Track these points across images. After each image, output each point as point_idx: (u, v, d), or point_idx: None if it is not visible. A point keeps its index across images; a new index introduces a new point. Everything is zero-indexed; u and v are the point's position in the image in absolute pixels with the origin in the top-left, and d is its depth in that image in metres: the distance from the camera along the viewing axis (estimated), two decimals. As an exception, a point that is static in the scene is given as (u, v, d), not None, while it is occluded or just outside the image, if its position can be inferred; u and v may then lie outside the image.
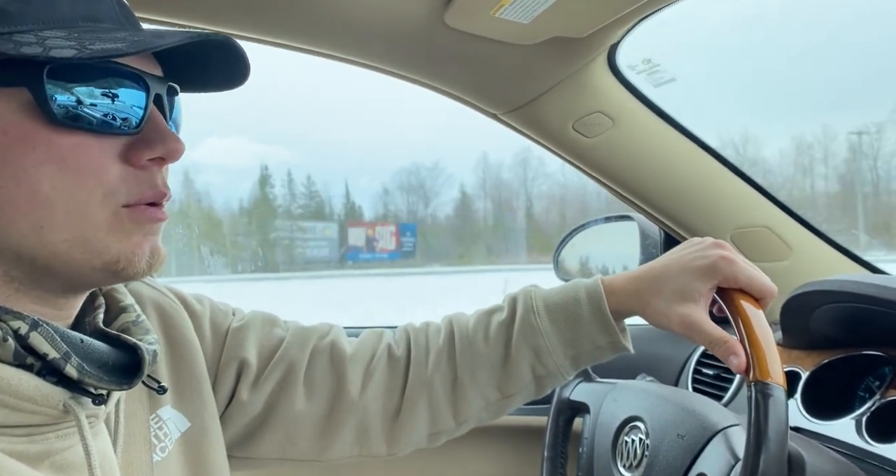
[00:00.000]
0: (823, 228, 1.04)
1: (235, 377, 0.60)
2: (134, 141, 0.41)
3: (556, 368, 0.61)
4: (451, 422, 0.63)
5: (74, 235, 0.39)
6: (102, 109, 0.39)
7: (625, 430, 0.80)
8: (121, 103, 0.40)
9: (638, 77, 0.94)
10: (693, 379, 1.07)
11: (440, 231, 12.11)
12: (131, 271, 0.42)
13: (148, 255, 0.42)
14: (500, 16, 0.72)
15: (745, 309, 0.55)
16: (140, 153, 0.41)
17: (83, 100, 0.38)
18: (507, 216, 11.73)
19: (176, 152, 0.42)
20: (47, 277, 0.41)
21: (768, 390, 0.50)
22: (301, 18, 0.78)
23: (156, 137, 0.41)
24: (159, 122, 0.42)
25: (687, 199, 1.05)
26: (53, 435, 0.40)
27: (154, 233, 0.43)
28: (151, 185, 0.42)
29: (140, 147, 0.41)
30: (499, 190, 10.91)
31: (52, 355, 0.38)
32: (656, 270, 0.59)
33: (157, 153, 0.41)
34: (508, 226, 11.80)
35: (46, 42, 0.36)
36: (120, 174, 0.40)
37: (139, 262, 0.42)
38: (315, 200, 11.37)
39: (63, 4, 0.39)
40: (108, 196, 0.40)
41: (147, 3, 0.73)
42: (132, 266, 0.41)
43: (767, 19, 7.27)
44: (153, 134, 0.41)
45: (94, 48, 0.36)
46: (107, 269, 0.41)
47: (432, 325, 0.66)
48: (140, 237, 0.42)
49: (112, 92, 0.39)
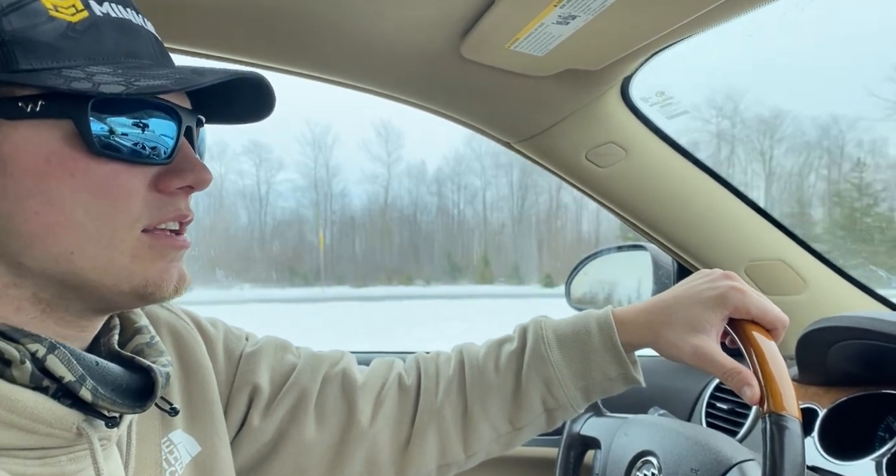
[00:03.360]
0: (839, 263, 1.03)
1: (247, 402, 0.60)
2: (165, 170, 0.43)
3: (567, 400, 0.60)
4: (460, 454, 0.62)
5: (103, 262, 0.41)
6: (137, 140, 0.41)
7: (637, 464, 0.79)
8: (154, 134, 0.42)
9: (651, 109, 0.95)
10: (707, 413, 1.05)
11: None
12: (159, 295, 0.43)
13: (176, 279, 0.44)
14: (515, 49, 0.74)
15: (758, 340, 0.54)
16: (170, 182, 0.43)
17: (120, 131, 0.40)
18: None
19: (204, 182, 0.44)
20: (76, 301, 0.42)
21: (783, 422, 0.49)
22: (320, 49, 0.80)
23: (186, 167, 0.43)
24: (189, 153, 0.44)
25: (700, 231, 1.04)
26: (66, 457, 0.40)
27: (178, 259, 0.45)
28: (175, 208, 0.44)
29: (170, 176, 0.43)
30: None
31: (68, 378, 0.38)
32: (667, 301, 0.59)
33: (186, 182, 0.43)
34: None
35: (94, 78, 0.38)
36: (145, 200, 0.42)
37: (167, 286, 0.43)
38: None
39: (108, 41, 0.41)
40: (134, 222, 0.42)
41: (172, 33, 0.75)
42: (160, 290, 0.43)
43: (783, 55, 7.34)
44: (184, 163, 0.43)
45: (139, 85, 0.39)
46: (135, 294, 0.43)
47: (442, 354, 0.66)
48: (165, 264, 0.43)
49: (147, 124, 0.42)
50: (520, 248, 8.09)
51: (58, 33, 0.39)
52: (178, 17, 0.73)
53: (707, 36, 0.75)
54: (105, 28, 0.41)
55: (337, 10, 0.72)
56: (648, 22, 0.68)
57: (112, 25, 0.41)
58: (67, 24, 0.39)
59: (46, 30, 0.38)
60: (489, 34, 0.72)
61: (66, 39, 0.39)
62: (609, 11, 0.64)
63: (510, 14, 0.67)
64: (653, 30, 0.70)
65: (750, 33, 0.82)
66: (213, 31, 0.76)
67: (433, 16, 0.72)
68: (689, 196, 1.01)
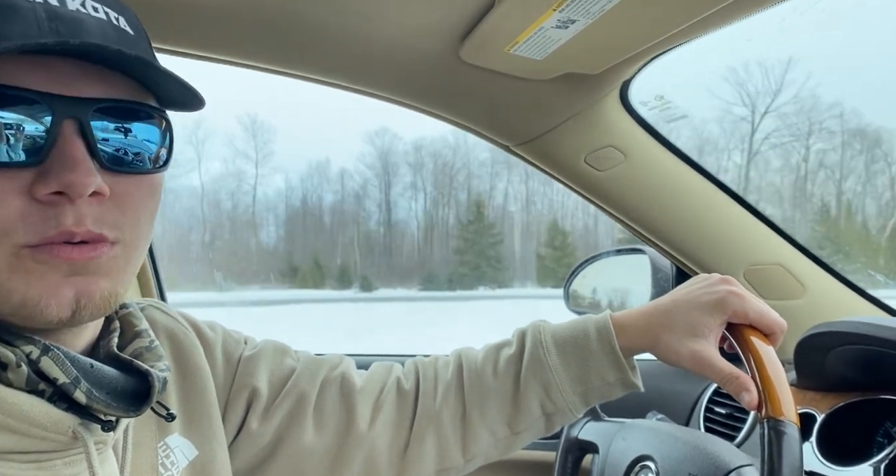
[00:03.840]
0: (838, 268, 1.03)
1: (246, 406, 0.60)
2: (38, 173, 0.36)
3: (566, 405, 0.60)
4: (459, 458, 0.62)
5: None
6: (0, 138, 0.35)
7: (635, 469, 0.78)
8: (19, 132, 0.36)
9: (650, 113, 0.95)
10: (705, 417, 1.05)
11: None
12: (43, 318, 0.37)
13: (70, 299, 0.38)
14: (515, 52, 0.74)
15: (756, 345, 0.54)
16: (37, 187, 0.36)
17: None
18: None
19: (73, 185, 0.36)
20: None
21: (781, 427, 0.49)
22: (321, 53, 0.80)
23: (55, 169, 0.36)
24: (65, 152, 0.37)
25: (699, 235, 1.04)
26: (61, 461, 0.40)
27: (83, 273, 0.38)
28: (57, 223, 0.37)
29: (40, 180, 0.36)
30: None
31: (62, 380, 0.38)
32: (665, 306, 0.59)
33: (52, 187, 0.36)
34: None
35: None
36: (19, 211, 0.36)
37: (53, 308, 0.37)
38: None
39: None
40: (3, 236, 0.36)
41: (172, 36, 0.75)
42: (42, 314, 0.37)
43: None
44: (54, 165, 0.36)
45: None
46: (17, 315, 0.38)
47: (441, 358, 0.66)
48: (57, 278, 0.37)
49: (6, 120, 0.35)
50: (381, 252, 7.64)
51: None
52: (178, 19, 0.73)
53: (706, 40, 0.75)
54: None
55: (337, 13, 0.72)
56: (647, 26, 0.68)
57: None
58: None
59: None
60: (489, 38, 0.72)
61: None
62: (608, 15, 0.64)
63: (510, 18, 0.67)
64: (652, 34, 0.70)
65: (749, 38, 0.82)
66: (213, 34, 0.76)
67: (433, 19, 0.72)
68: (688, 200, 1.02)
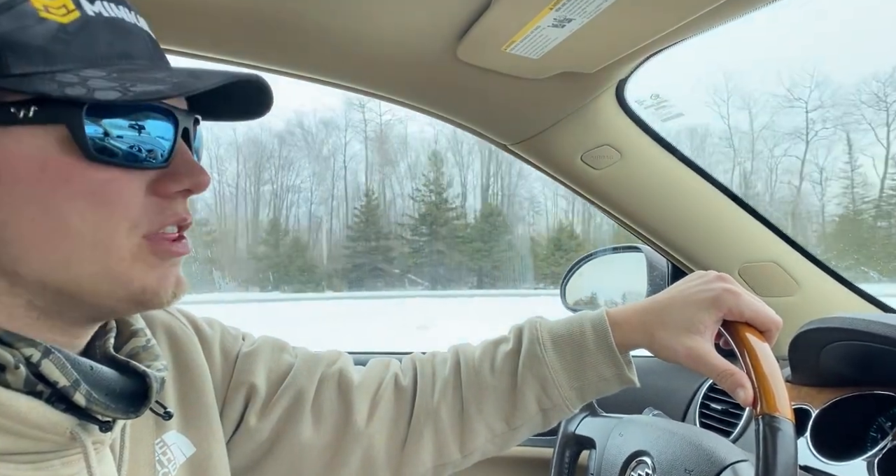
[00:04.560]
0: (832, 265, 1.04)
1: (244, 403, 0.60)
2: (162, 174, 0.42)
3: (562, 401, 0.61)
4: (456, 453, 0.62)
5: (100, 268, 0.40)
6: (133, 144, 0.40)
7: (631, 465, 0.79)
8: (150, 138, 0.41)
9: (646, 111, 0.96)
10: (701, 413, 1.06)
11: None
12: (156, 301, 0.43)
13: (173, 285, 0.43)
14: (511, 51, 0.74)
15: (751, 341, 0.55)
16: (168, 185, 0.42)
17: (116, 135, 0.39)
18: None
19: (202, 185, 0.43)
20: (71, 308, 0.42)
21: (776, 423, 0.49)
22: (317, 52, 0.80)
23: (183, 170, 0.43)
24: (186, 155, 0.44)
25: (695, 233, 1.05)
26: (59, 462, 0.40)
27: (177, 264, 0.44)
28: (174, 212, 0.43)
29: (168, 179, 0.42)
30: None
31: (62, 383, 0.38)
32: (661, 303, 0.59)
33: (184, 185, 0.43)
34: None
35: (88, 82, 0.37)
36: (144, 205, 0.41)
37: (165, 292, 0.43)
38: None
39: (101, 44, 0.40)
40: (133, 228, 0.41)
41: (172, 35, 0.75)
42: (157, 297, 0.43)
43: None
44: (181, 167, 0.43)
45: (136, 90, 0.37)
46: (132, 300, 0.42)
47: (439, 355, 0.67)
48: (165, 269, 0.43)
49: (143, 126, 0.41)
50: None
51: (49, 35, 0.37)
52: (180, 19, 0.73)
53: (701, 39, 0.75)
54: (98, 29, 0.39)
55: (333, 13, 0.72)
56: (643, 25, 0.69)
57: (105, 25, 0.40)
58: (59, 26, 0.38)
59: (37, 32, 0.37)
60: (485, 37, 0.72)
61: (58, 42, 0.38)
62: (604, 15, 0.65)
63: (506, 17, 0.67)
64: (648, 33, 0.70)
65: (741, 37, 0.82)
66: (212, 34, 0.77)
67: (429, 19, 0.72)
68: (684, 198, 1.02)
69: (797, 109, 8.45)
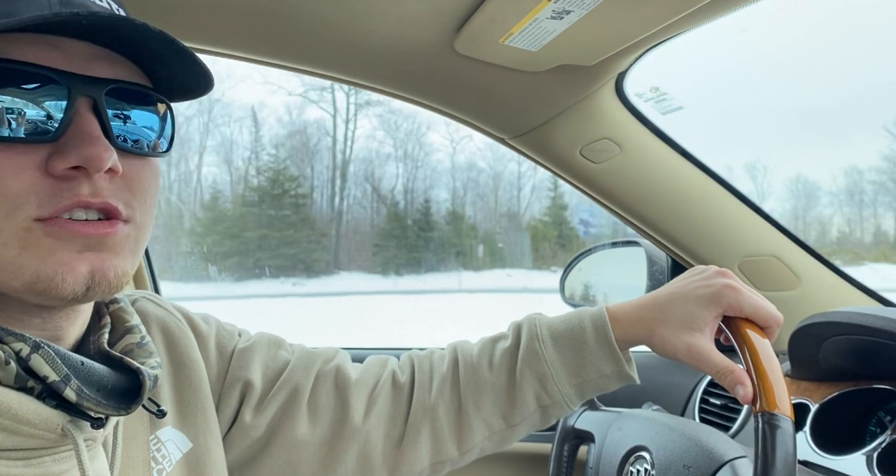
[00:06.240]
0: (832, 259, 1.03)
1: (239, 399, 0.60)
2: (53, 149, 0.38)
3: (561, 397, 0.60)
4: (454, 451, 0.62)
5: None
6: (8, 118, 0.36)
7: (630, 459, 0.79)
8: (34, 110, 0.37)
9: (646, 105, 0.95)
10: (700, 409, 1.05)
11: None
12: (57, 294, 0.38)
13: (85, 275, 0.38)
14: (509, 44, 0.74)
15: (751, 338, 0.54)
16: (55, 162, 0.37)
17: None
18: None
19: (93, 160, 0.37)
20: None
21: (775, 421, 0.49)
22: (315, 45, 0.79)
23: (72, 144, 0.37)
24: (82, 129, 0.38)
25: (695, 227, 1.04)
26: (50, 458, 0.40)
27: (99, 249, 0.39)
28: (71, 194, 0.38)
29: (56, 156, 0.37)
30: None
31: (52, 378, 0.38)
32: (661, 299, 0.59)
33: (70, 162, 0.37)
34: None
35: None
36: (30, 185, 0.37)
37: (67, 283, 0.38)
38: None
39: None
40: (14, 209, 0.37)
41: (170, 29, 0.74)
42: (57, 288, 0.37)
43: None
44: (71, 141, 0.38)
45: None
46: (29, 290, 0.38)
47: (437, 352, 0.66)
48: (69, 254, 0.38)
49: (21, 98, 0.36)
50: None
51: None
52: (177, 12, 0.72)
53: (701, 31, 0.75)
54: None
55: (332, 6, 0.71)
56: (643, 17, 0.68)
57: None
58: None
59: None
60: (483, 29, 0.72)
61: None
62: (603, 6, 0.64)
63: (504, 9, 0.67)
64: (647, 25, 0.69)
65: (744, 29, 0.82)
66: (207, 27, 0.76)
67: (427, 11, 0.71)
68: (684, 192, 1.02)
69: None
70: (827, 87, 7.32)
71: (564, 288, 1.22)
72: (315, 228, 6.56)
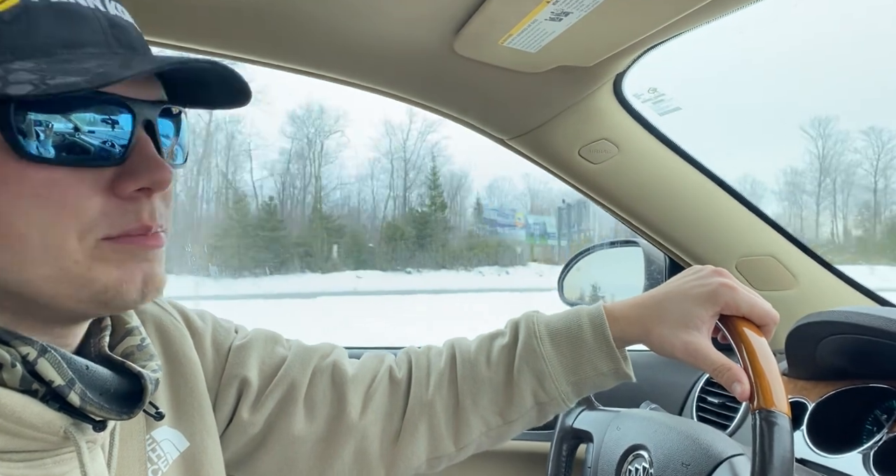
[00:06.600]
0: (829, 258, 1.04)
1: (236, 396, 0.60)
2: (120, 171, 0.39)
3: (558, 394, 0.61)
4: (451, 447, 0.62)
5: (55, 270, 0.38)
6: (79, 142, 0.37)
7: (628, 458, 0.79)
8: (101, 134, 0.38)
9: (644, 105, 0.96)
10: (698, 407, 1.06)
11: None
12: (121, 302, 0.40)
13: (140, 283, 0.40)
14: (508, 45, 0.74)
15: (748, 336, 0.55)
16: (124, 185, 0.39)
17: (55, 133, 0.36)
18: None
19: (161, 183, 0.40)
20: (38, 309, 0.40)
21: (772, 418, 0.49)
22: (315, 47, 0.80)
23: (141, 167, 0.39)
24: (146, 151, 0.40)
25: (692, 227, 1.05)
26: (51, 460, 0.40)
27: (149, 259, 0.41)
28: (137, 217, 0.40)
29: (125, 178, 0.39)
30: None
31: (58, 382, 0.38)
32: (658, 298, 0.59)
33: (140, 184, 0.39)
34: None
35: (10, 76, 0.34)
36: (101, 207, 0.38)
37: (129, 292, 0.40)
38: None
39: (40, 33, 0.36)
40: (86, 231, 0.38)
41: (167, 30, 0.75)
42: (121, 296, 0.40)
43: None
44: (139, 164, 0.39)
45: (52, 83, 0.34)
46: (95, 301, 0.40)
47: (434, 348, 0.66)
48: (131, 265, 0.40)
49: (90, 123, 0.37)
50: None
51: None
52: (174, 13, 0.72)
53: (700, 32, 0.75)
54: (38, 16, 0.36)
55: (331, 6, 0.71)
56: (641, 18, 0.68)
57: (49, 12, 0.37)
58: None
59: None
60: (482, 30, 0.72)
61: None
62: (602, 7, 0.64)
63: (503, 10, 0.67)
64: (646, 26, 0.70)
65: (741, 30, 0.82)
66: (206, 27, 0.76)
67: (427, 12, 0.71)
68: (682, 192, 1.02)
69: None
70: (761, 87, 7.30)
71: (563, 287, 1.23)
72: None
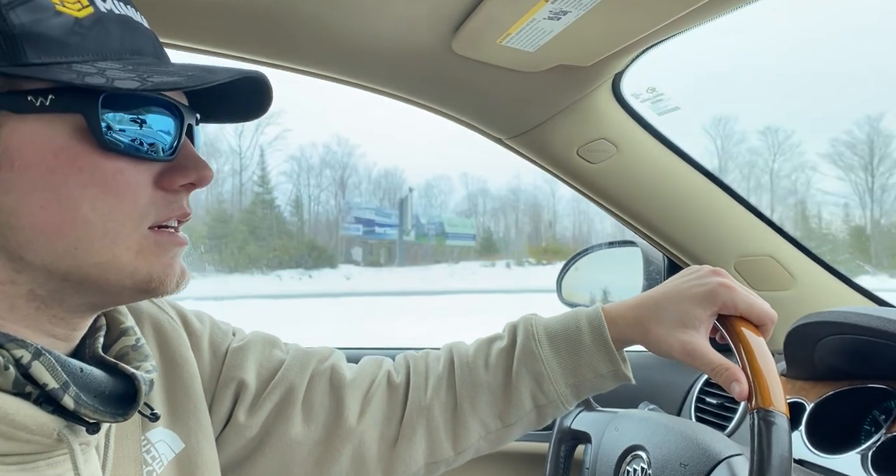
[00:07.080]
0: (827, 259, 1.04)
1: (233, 398, 0.59)
2: (168, 167, 0.43)
3: (557, 397, 0.60)
4: (449, 451, 0.62)
5: (107, 257, 0.41)
6: (143, 136, 0.42)
7: (627, 459, 0.79)
8: (158, 131, 0.42)
9: (642, 105, 0.95)
10: (696, 408, 1.06)
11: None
12: (162, 290, 0.44)
13: (178, 275, 0.45)
14: (507, 44, 0.74)
15: (746, 336, 0.55)
16: (173, 179, 0.43)
17: (128, 127, 0.41)
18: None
19: (206, 179, 0.45)
20: (74, 297, 0.42)
21: (770, 418, 0.49)
22: (312, 46, 0.79)
23: (189, 164, 0.44)
24: (191, 150, 0.45)
25: (691, 227, 1.05)
26: (44, 463, 0.40)
27: (179, 255, 0.45)
28: (179, 206, 0.44)
29: (174, 173, 0.43)
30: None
31: (52, 385, 0.38)
32: (656, 298, 0.59)
33: (189, 179, 0.44)
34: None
35: (106, 73, 0.39)
36: (151, 198, 0.42)
37: (170, 281, 0.44)
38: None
39: (114, 39, 0.41)
40: (141, 219, 0.42)
41: (167, 28, 0.74)
42: (163, 285, 0.44)
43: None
44: (186, 161, 0.44)
45: (154, 81, 0.39)
46: (138, 289, 0.43)
47: (432, 352, 0.66)
48: (169, 259, 0.44)
49: (152, 120, 0.42)
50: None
51: (65, 28, 0.39)
52: (174, 12, 0.72)
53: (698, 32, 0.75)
54: (110, 24, 0.41)
55: (329, 5, 0.71)
56: (640, 17, 0.68)
57: (116, 22, 0.41)
58: (74, 20, 0.39)
59: (54, 24, 0.38)
60: (480, 29, 0.72)
61: (74, 34, 0.39)
62: (600, 7, 0.64)
63: (501, 9, 0.67)
64: (644, 25, 0.70)
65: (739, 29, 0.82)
66: (204, 26, 0.76)
67: (425, 11, 0.71)
68: (680, 192, 1.02)
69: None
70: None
71: (561, 288, 1.23)
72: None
